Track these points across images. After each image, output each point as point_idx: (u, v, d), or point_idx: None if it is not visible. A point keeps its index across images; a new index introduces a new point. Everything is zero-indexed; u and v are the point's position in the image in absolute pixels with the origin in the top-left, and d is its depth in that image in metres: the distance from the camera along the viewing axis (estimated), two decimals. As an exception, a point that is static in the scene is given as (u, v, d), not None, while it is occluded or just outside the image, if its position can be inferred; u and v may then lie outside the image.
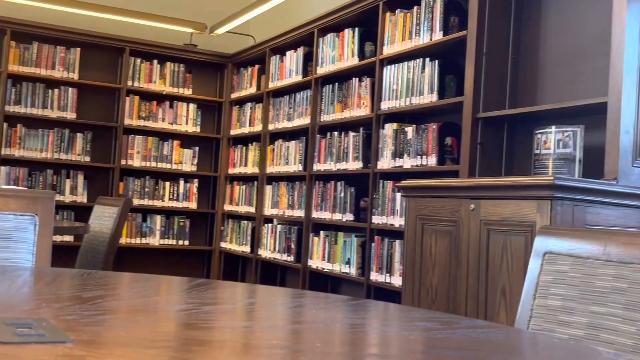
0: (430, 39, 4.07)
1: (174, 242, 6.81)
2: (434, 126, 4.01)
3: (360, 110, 4.75)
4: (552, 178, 2.64)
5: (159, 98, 6.85)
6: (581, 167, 3.11)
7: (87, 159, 6.52)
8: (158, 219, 6.75)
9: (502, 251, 2.84)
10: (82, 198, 6.47)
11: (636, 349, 1.30)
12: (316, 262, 5.07)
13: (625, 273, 1.40)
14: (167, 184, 6.81)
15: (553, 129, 3.19)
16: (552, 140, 3.18)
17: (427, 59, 4.10)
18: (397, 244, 4.16)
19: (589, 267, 1.47)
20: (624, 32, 2.86)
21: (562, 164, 3.14)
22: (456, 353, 0.92)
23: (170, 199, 6.81)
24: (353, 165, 4.77)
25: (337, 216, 4.89)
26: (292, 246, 5.42)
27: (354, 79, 4.87)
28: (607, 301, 1.39)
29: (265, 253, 5.87)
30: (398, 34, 4.36)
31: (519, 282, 2.62)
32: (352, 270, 4.62)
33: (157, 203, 6.75)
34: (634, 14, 2.88)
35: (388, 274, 4.23)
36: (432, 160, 4.01)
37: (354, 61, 4.85)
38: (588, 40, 3.38)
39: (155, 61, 6.81)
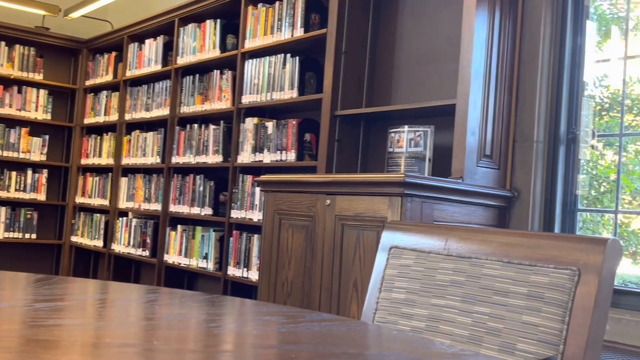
0: (292, 35, 4.09)
1: (20, 235, 6.41)
2: (294, 122, 4.04)
3: (221, 103, 4.69)
4: (403, 175, 2.73)
5: (6, 83, 6.42)
6: (431, 166, 3.24)
7: None
8: (3, 211, 6.33)
9: (356, 246, 2.91)
10: None
11: (471, 340, 1.37)
12: (173, 257, 4.96)
13: (463, 267, 1.47)
14: (14, 173, 6.40)
15: (406, 128, 3.30)
16: (404, 139, 3.29)
17: (289, 55, 4.11)
18: (256, 238, 4.15)
19: (431, 261, 1.53)
20: (472, 38, 3.01)
21: (414, 162, 3.26)
22: (296, 347, 0.92)
23: (16, 190, 6.40)
24: (213, 158, 4.71)
25: (196, 210, 4.80)
26: (148, 241, 5.26)
27: (215, 71, 4.80)
28: (447, 294, 1.46)
29: (119, 248, 5.67)
30: (260, 28, 4.35)
31: (370, 276, 2.69)
32: (210, 265, 4.56)
33: (2, 194, 6.33)
34: (482, 21, 3.04)
35: (246, 269, 4.21)
36: (291, 156, 4.03)
37: (216, 53, 4.79)
38: (440, 44, 3.54)
39: (2, 43, 6.37)
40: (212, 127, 4.76)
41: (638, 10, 3.30)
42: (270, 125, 4.21)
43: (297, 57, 4.06)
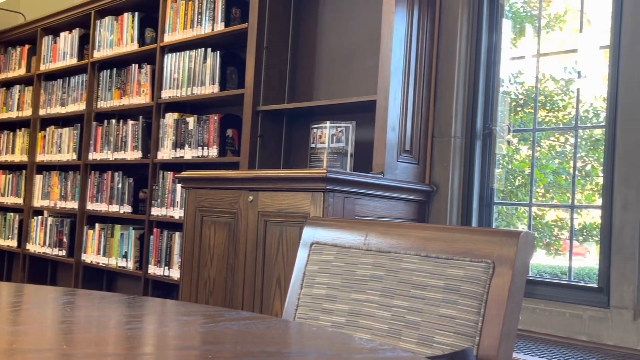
0: (212, 30, 4.04)
1: None
2: (216, 117, 3.99)
3: (140, 98, 4.59)
4: (325, 171, 2.74)
5: None
6: (353, 161, 3.27)
7: None
8: None
9: (279, 242, 2.90)
10: None
11: (390, 333, 1.38)
12: (91, 257, 4.83)
13: (383, 261, 1.48)
14: None
15: (328, 124, 3.31)
16: (326, 135, 3.30)
17: (209, 50, 4.06)
18: (177, 236, 4.09)
19: (352, 257, 1.54)
20: (392, 35, 3.05)
21: (336, 158, 3.28)
22: (214, 347, 0.91)
23: None
24: (132, 154, 4.60)
25: (114, 208, 4.69)
26: (65, 240, 5.10)
27: (133, 65, 4.69)
28: (366, 288, 1.47)
29: (34, 247, 5.47)
30: (180, 21, 4.28)
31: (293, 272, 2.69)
32: (130, 264, 4.46)
33: None
34: (401, 18, 3.08)
35: (167, 267, 4.14)
36: (213, 152, 3.99)
37: (134, 47, 4.68)
38: (360, 41, 3.56)
39: None
40: (130, 122, 4.64)
41: (551, 8, 3.43)
42: (191, 120, 4.14)
43: (218, 52, 4.01)
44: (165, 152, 4.29)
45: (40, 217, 5.47)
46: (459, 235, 1.41)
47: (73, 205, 5.09)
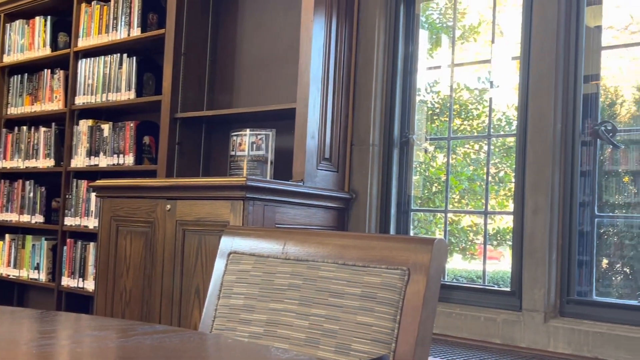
0: (128, 35, 3.95)
1: None
2: (132, 124, 3.90)
3: (52, 104, 4.44)
4: (245, 179, 2.73)
5: None
6: (273, 169, 3.26)
7: None
8: None
9: (197, 251, 2.86)
10: None
11: (309, 342, 1.38)
12: (0, 269, 4.62)
13: (301, 270, 1.48)
14: None
15: (247, 131, 3.30)
16: (246, 143, 3.28)
17: (125, 55, 3.97)
18: (92, 246, 3.97)
19: (270, 266, 1.53)
20: (310, 44, 3.06)
21: (256, 166, 3.26)
22: (124, 363, 0.88)
23: None
24: (44, 162, 4.44)
25: (26, 218, 4.51)
26: (-28, 252, 4.86)
27: (45, 70, 4.54)
28: (284, 298, 1.46)
29: (-62, 260, 5.19)
30: (94, 26, 4.17)
31: (212, 282, 2.65)
32: (42, 276, 4.30)
33: None
34: (319, 27, 3.10)
35: (81, 279, 4.01)
36: (129, 160, 3.89)
37: (46, 51, 4.52)
38: (280, 49, 3.56)
39: None
40: (42, 129, 4.49)
41: (465, 20, 3.52)
42: (106, 127, 4.04)
43: (135, 57, 3.92)
44: (79, 160, 4.16)
45: (-56, 228, 5.20)
46: (376, 242, 1.43)
47: (-19, 215, 4.86)
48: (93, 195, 3.99)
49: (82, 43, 4.23)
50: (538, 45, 2.79)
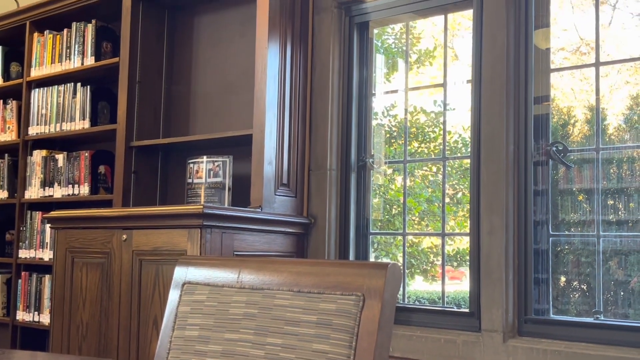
0: (82, 64, 3.91)
1: None
2: (87, 154, 3.85)
3: (5, 135, 4.36)
4: (202, 207, 2.70)
5: None
6: (231, 195, 3.24)
7: None
8: None
9: (155, 281, 2.82)
10: None
11: (265, 372, 1.36)
12: (-48, 305, 4.48)
13: (256, 299, 1.46)
14: None
15: (205, 158, 3.28)
16: (203, 170, 3.26)
17: (79, 84, 3.92)
18: (47, 279, 3.88)
19: (225, 295, 1.51)
20: (266, 70, 3.07)
21: (214, 193, 3.24)
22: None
23: None
24: (-3, 195, 4.35)
25: (-22, 252, 4.39)
26: None
27: (-2, 100, 4.46)
28: (240, 327, 1.44)
29: None
30: (47, 56, 4.11)
31: (170, 312, 2.61)
32: (-4, 311, 4.18)
33: None
34: (274, 54, 3.12)
35: (37, 313, 3.92)
36: (84, 190, 3.83)
37: (-2, 82, 4.45)
38: (235, 75, 3.57)
39: None
40: (-5, 161, 4.40)
41: (421, 44, 3.58)
42: (60, 157, 3.97)
43: (89, 87, 3.88)
44: (33, 191, 4.09)
45: None
46: (330, 269, 1.42)
47: None
48: (48, 226, 3.91)
49: (35, 73, 4.18)
50: (488, 68, 2.84)
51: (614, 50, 2.90)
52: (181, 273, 1.61)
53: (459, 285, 3.53)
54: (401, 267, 2.82)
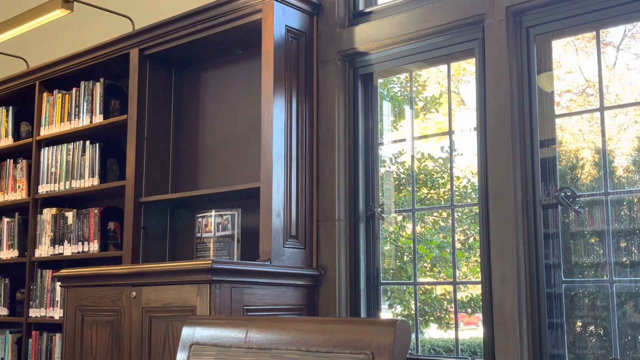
0: (91, 122, 3.96)
1: None
2: (96, 211, 3.86)
3: (15, 194, 4.39)
4: (211, 262, 2.69)
5: None
6: (240, 248, 3.23)
7: None
8: None
9: (165, 338, 2.79)
10: None
11: None
12: (-37, 366, 4.46)
13: (264, 359, 1.44)
14: None
15: (213, 212, 3.28)
16: (212, 224, 3.27)
17: (88, 142, 3.97)
18: (58, 337, 3.86)
19: (232, 356, 1.49)
20: (272, 123, 3.09)
21: (223, 246, 3.24)
22: None
23: None
24: (8, 253, 4.36)
25: (-11, 311, 4.38)
26: None
27: (8, 160, 4.51)
28: (248, 389, 1.42)
29: None
30: (56, 115, 4.17)
31: (180, 370, 2.58)
32: (7, 372, 4.15)
33: None
34: (280, 107, 3.14)
35: (48, 372, 3.88)
36: (94, 247, 3.84)
37: (9, 141, 4.51)
38: (242, 129, 3.59)
39: None
40: (5, 219, 4.42)
41: (427, 92, 3.60)
42: (70, 215, 3.99)
43: (97, 144, 3.92)
44: (44, 249, 4.09)
45: None
46: (338, 326, 1.41)
47: (-58, 311, 4.72)
48: (58, 284, 3.91)
49: (45, 132, 4.23)
50: (493, 116, 2.85)
51: (621, 90, 2.90)
52: (189, 334, 1.60)
53: (475, 331, 3.47)
54: (412, 320, 2.78)
